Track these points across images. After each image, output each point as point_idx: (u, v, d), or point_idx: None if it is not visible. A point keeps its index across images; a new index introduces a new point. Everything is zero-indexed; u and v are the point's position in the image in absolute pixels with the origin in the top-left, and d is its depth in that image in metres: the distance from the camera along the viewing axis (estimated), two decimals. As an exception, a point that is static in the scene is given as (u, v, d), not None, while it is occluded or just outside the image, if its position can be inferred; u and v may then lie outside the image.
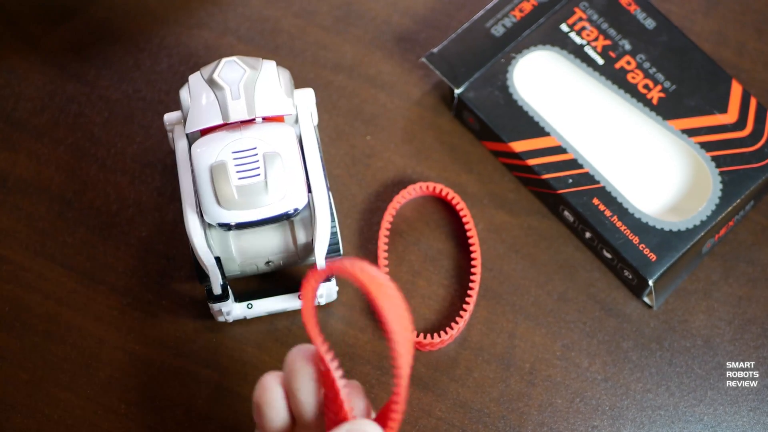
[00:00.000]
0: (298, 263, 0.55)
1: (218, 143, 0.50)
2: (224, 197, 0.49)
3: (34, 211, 0.59)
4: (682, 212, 0.58)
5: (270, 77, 0.51)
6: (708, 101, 0.59)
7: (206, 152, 0.50)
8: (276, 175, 0.49)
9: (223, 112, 0.50)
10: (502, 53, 0.61)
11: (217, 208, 0.49)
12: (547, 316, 0.57)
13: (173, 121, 0.54)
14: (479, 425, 0.55)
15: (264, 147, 0.50)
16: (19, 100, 0.62)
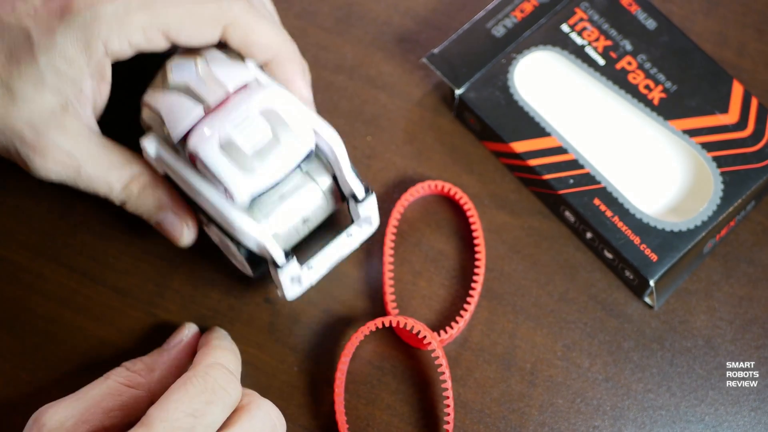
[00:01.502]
0: (331, 210, 0.54)
1: (211, 130, 0.49)
2: (247, 168, 0.49)
3: (34, 212, 0.59)
4: (683, 212, 0.57)
5: (215, 54, 0.52)
6: (709, 101, 0.59)
7: (207, 141, 0.49)
8: (281, 126, 0.49)
9: (202, 99, 0.50)
10: (503, 54, 0.61)
11: (245, 181, 0.49)
12: (548, 316, 0.57)
13: (153, 146, 0.52)
14: (480, 425, 0.55)
15: (254, 108, 0.50)
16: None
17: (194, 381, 0.46)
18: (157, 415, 0.44)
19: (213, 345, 0.52)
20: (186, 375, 0.47)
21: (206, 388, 0.46)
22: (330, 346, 0.56)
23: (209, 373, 0.47)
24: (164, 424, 0.44)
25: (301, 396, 0.55)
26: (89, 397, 0.48)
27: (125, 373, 0.50)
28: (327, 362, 0.56)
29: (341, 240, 0.54)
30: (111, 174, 0.52)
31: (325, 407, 0.55)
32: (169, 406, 0.45)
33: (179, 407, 0.45)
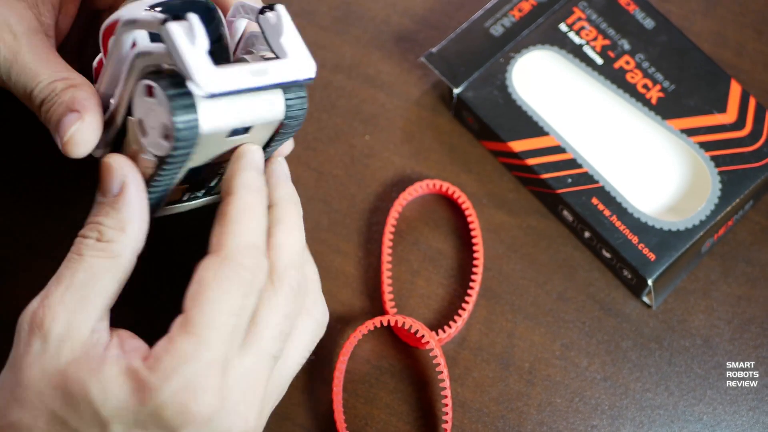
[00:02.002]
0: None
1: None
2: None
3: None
4: (681, 212, 0.58)
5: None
6: (707, 101, 0.59)
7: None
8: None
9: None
10: (501, 53, 0.61)
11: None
12: (546, 315, 0.57)
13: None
14: (478, 425, 0.55)
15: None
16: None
17: (228, 275, 0.43)
18: (202, 322, 0.42)
19: (239, 210, 0.45)
20: (217, 264, 0.43)
21: (241, 279, 0.43)
22: (328, 345, 0.56)
23: (241, 263, 0.43)
24: (213, 332, 0.42)
25: (299, 395, 0.55)
26: (79, 285, 0.44)
27: (99, 246, 0.45)
28: (325, 361, 0.56)
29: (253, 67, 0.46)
30: (44, 69, 0.48)
31: (324, 406, 0.55)
32: (212, 309, 0.42)
33: (222, 309, 0.42)
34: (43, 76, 0.48)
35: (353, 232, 0.59)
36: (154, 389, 0.42)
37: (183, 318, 0.43)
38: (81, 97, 0.48)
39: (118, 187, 0.45)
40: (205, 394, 0.42)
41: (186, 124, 0.43)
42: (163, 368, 0.42)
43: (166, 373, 0.42)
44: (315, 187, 0.60)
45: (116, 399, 0.42)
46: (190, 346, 0.42)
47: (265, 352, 0.44)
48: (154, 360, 0.42)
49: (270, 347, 0.45)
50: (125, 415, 0.42)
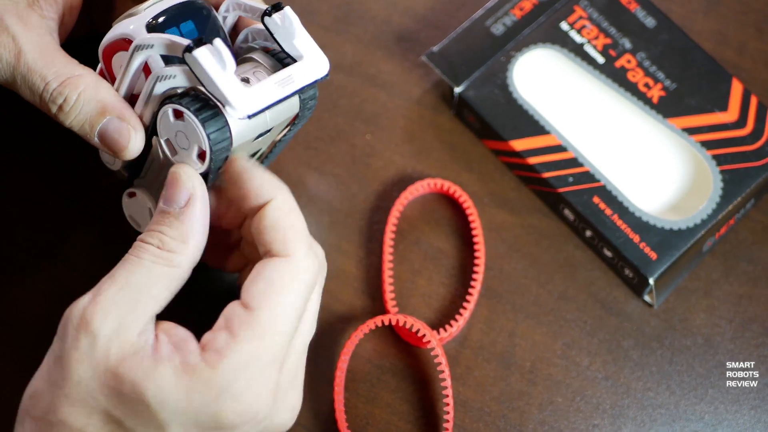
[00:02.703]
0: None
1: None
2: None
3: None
4: (683, 211, 0.57)
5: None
6: (708, 100, 0.59)
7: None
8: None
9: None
10: (502, 52, 0.61)
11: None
12: (548, 314, 0.57)
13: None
14: (480, 424, 0.55)
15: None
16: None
17: (298, 279, 0.45)
18: (271, 325, 0.43)
19: (288, 213, 0.46)
20: (287, 269, 0.44)
21: (306, 284, 0.45)
22: (329, 344, 0.56)
23: (308, 268, 0.45)
24: (279, 337, 0.43)
25: (300, 394, 0.55)
26: (134, 287, 0.44)
27: (160, 253, 0.45)
28: (327, 360, 0.56)
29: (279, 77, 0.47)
30: (50, 67, 0.48)
31: (325, 405, 0.55)
32: (282, 313, 0.44)
33: (289, 313, 0.44)
34: (50, 77, 0.48)
35: (354, 231, 0.59)
36: (217, 390, 0.42)
37: (248, 315, 0.43)
38: (110, 105, 0.48)
39: (185, 200, 0.46)
40: (265, 394, 0.43)
41: (220, 145, 0.45)
42: (226, 368, 0.42)
43: (229, 374, 0.42)
44: (316, 186, 0.60)
45: (174, 400, 0.42)
46: (255, 347, 0.42)
47: (306, 341, 0.47)
48: (215, 355, 0.42)
49: (309, 334, 0.47)
50: (184, 416, 0.42)
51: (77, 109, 0.48)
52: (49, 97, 0.48)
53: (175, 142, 0.46)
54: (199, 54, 0.43)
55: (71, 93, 0.48)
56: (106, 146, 0.48)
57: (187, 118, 0.44)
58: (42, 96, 0.48)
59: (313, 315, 0.47)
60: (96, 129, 0.48)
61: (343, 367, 0.54)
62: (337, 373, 0.54)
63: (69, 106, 0.48)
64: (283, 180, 0.59)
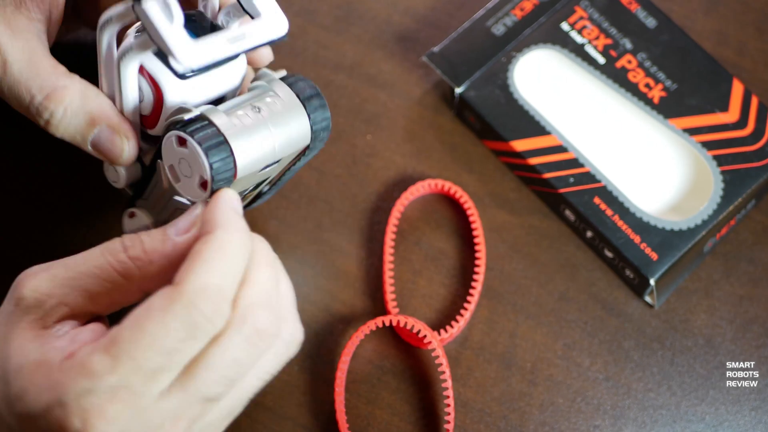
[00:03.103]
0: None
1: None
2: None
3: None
4: (684, 211, 0.57)
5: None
6: (709, 100, 0.59)
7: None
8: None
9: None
10: (503, 52, 0.61)
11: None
12: (549, 315, 0.57)
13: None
14: (480, 425, 0.55)
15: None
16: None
17: (177, 313, 0.39)
18: (127, 350, 0.39)
19: (214, 249, 0.41)
20: (168, 298, 0.40)
21: (189, 322, 0.39)
22: (330, 345, 0.56)
23: (196, 305, 0.39)
24: (132, 363, 0.39)
25: (301, 395, 0.55)
26: (76, 274, 0.42)
27: (122, 258, 0.43)
28: (327, 361, 0.56)
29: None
30: (35, 80, 0.47)
31: (326, 406, 0.55)
32: (142, 341, 0.39)
33: (154, 345, 0.39)
34: (35, 90, 0.47)
35: (355, 231, 0.59)
36: (52, 393, 0.40)
37: (114, 334, 0.40)
38: (100, 115, 0.47)
39: (182, 230, 0.44)
40: (95, 417, 0.39)
41: (223, 175, 0.44)
42: (67, 375, 0.40)
43: (66, 381, 0.39)
44: (317, 186, 0.60)
45: (19, 384, 0.40)
46: (101, 365, 0.39)
47: (197, 394, 0.41)
48: (69, 363, 0.40)
49: (205, 391, 0.41)
50: (20, 405, 0.41)
51: (65, 122, 0.47)
52: (36, 111, 0.47)
53: (178, 168, 0.46)
54: (146, 5, 0.42)
55: (57, 107, 0.47)
56: (100, 155, 0.48)
57: (190, 146, 0.44)
58: (29, 109, 0.48)
59: (218, 376, 0.41)
60: (88, 140, 0.48)
61: (343, 367, 0.54)
62: (337, 373, 0.54)
63: (57, 119, 0.47)
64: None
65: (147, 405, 0.40)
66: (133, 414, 0.40)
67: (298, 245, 0.58)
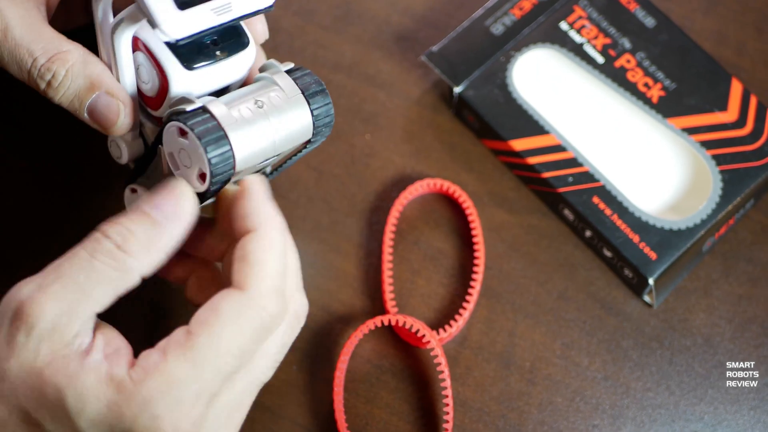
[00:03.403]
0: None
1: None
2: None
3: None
4: (683, 211, 0.57)
5: None
6: (708, 100, 0.59)
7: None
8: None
9: None
10: (502, 51, 0.61)
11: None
12: (547, 314, 0.57)
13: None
14: (479, 424, 0.55)
15: None
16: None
17: (250, 317, 0.42)
18: (205, 354, 0.41)
19: (265, 248, 0.44)
20: (238, 303, 0.42)
21: (261, 325, 0.42)
22: (329, 344, 0.56)
23: (266, 308, 0.42)
24: (212, 368, 0.41)
25: (300, 395, 0.55)
26: (78, 284, 0.42)
27: (116, 254, 0.42)
28: (326, 361, 0.56)
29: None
30: (38, 43, 0.47)
31: (325, 406, 0.55)
32: (220, 347, 0.41)
33: (231, 350, 0.41)
34: (38, 52, 0.47)
35: (354, 231, 0.59)
36: (135, 407, 0.40)
37: (185, 339, 0.41)
38: (99, 80, 0.47)
39: (173, 212, 0.44)
40: (185, 423, 0.41)
41: (222, 169, 0.44)
42: (149, 386, 0.40)
43: (151, 393, 0.40)
44: (315, 186, 0.60)
45: (93, 410, 0.40)
46: (185, 372, 0.40)
47: (256, 382, 0.44)
48: (142, 372, 0.41)
49: (262, 377, 0.44)
50: (101, 427, 0.41)
51: (66, 84, 0.47)
52: (38, 73, 0.47)
53: (178, 157, 0.46)
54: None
55: (59, 68, 0.47)
56: (95, 122, 0.48)
57: (190, 138, 0.44)
58: (30, 72, 0.47)
59: (270, 361, 0.45)
60: (85, 105, 0.47)
61: (342, 367, 0.54)
62: (336, 373, 0.54)
63: (57, 81, 0.47)
64: (283, 180, 0.60)
65: (221, 401, 0.42)
66: (211, 411, 0.42)
67: (297, 245, 0.58)
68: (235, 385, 0.43)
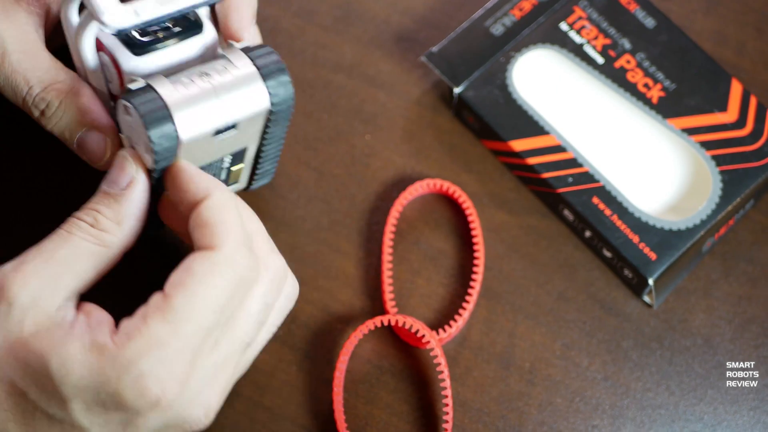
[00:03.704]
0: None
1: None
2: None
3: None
4: (682, 211, 0.57)
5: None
6: (708, 100, 0.59)
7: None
8: None
9: None
10: (502, 52, 0.61)
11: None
12: (547, 315, 0.57)
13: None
14: (479, 425, 0.55)
15: None
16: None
17: (223, 272, 0.43)
18: (183, 313, 0.42)
19: (221, 209, 0.44)
20: (210, 260, 0.43)
21: (233, 280, 0.43)
22: (329, 344, 0.56)
23: (236, 262, 0.43)
24: (190, 325, 0.42)
25: (299, 395, 0.55)
26: (58, 259, 0.43)
27: (92, 231, 0.44)
28: (326, 361, 0.56)
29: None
30: (34, 71, 0.48)
31: (324, 406, 0.55)
32: (196, 303, 0.42)
33: (207, 305, 0.42)
34: (33, 81, 0.48)
35: (354, 231, 0.59)
36: (119, 369, 0.41)
37: (163, 301, 0.42)
38: (89, 115, 0.48)
39: (126, 182, 0.45)
40: (170, 381, 0.42)
41: (162, 138, 0.44)
42: (132, 348, 0.41)
43: (134, 355, 0.41)
44: (315, 186, 0.60)
45: (77, 376, 0.41)
46: (165, 332, 0.41)
47: (239, 342, 0.45)
48: (124, 337, 0.41)
49: (245, 337, 0.45)
50: (86, 392, 0.41)
51: (58, 116, 0.48)
52: (32, 102, 0.48)
53: (132, 139, 0.46)
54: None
55: (54, 99, 0.48)
56: (82, 154, 0.49)
57: (133, 114, 0.44)
58: (25, 99, 0.48)
59: (252, 321, 0.45)
60: (75, 138, 0.49)
61: (342, 367, 0.54)
62: (336, 373, 0.54)
63: (51, 112, 0.48)
64: (283, 180, 0.60)
65: (204, 359, 0.43)
66: (195, 370, 0.43)
67: (297, 245, 0.58)
68: (219, 344, 0.44)
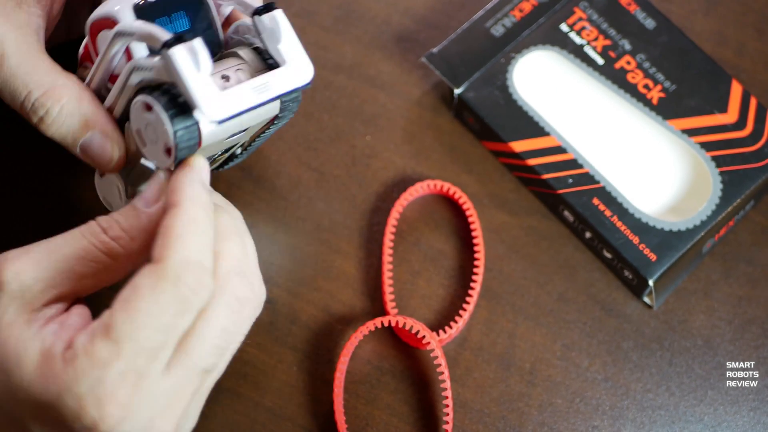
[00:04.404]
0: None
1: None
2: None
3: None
4: (682, 212, 0.57)
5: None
6: (708, 101, 0.59)
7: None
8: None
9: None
10: (502, 53, 0.61)
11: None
12: (547, 316, 0.57)
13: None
14: (479, 425, 0.55)
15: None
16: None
17: (166, 289, 0.40)
18: (126, 331, 0.40)
19: (185, 223, 0.42)
20: (154, 275, 0.41)
21: (179, 297, 0.40)
22: (329, 345, 0.56)
23: (181, 279, 0.41)
24: (132, 344, 0.40)
25: (300, 396, 0.55)
26: (61, 257, 0.43)
27: (103, 238, 0.43)
28: (326, 362, 0.56)
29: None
30: (33, 76, 0.47)
31: (325, 407, 0.55)
32: (137, 320, 0.40)
33: (149, 323, 0.40)
34: (33, 86, 0.47)
35: (354, 232, 0.59)
36: (62, 384, 0.40)
37: (108, 318, 0.41)
38: (93, 119, 0.47)
39: (154, 204, 0.44)
40: (110, 405, 0.40)
41: (187, 143, 0.44)
42: (75, 366, 0.40)
43: (76, 373, 0.40)
44: (316, 187, 0.60)
45: (25, 375, 0.41)
46: (107, 352, 0.40)
47: (195, 368, 0.42)
48: (71, 353, 0.41)
49: (202, 362, 0.42)
50: (27, 391, 0.41)
51: (59, 122, 0.47)
52: (30, 107, 0.47)
53: (144, 133, 0.45)
54: (174, 52, 0.42)
55: (53, 105, 0.47)
56: (87, 159, 0.48)
57: (156, 112, 0.44)
58: (23, 104, 0.47)
59: (209, 347, 0.42)
60: (78, 143, 0.48)
61: (342, 368, 0.54)
62: (336, 374, 0.54)
63: (51, 118, 0.47)
64: (283, 181, 0.60)
65: (152, 384, 0.41)
66: (141, 395, 0.41)
67: (297, 246, 0.58)
68: (171, 369, 0.41)
